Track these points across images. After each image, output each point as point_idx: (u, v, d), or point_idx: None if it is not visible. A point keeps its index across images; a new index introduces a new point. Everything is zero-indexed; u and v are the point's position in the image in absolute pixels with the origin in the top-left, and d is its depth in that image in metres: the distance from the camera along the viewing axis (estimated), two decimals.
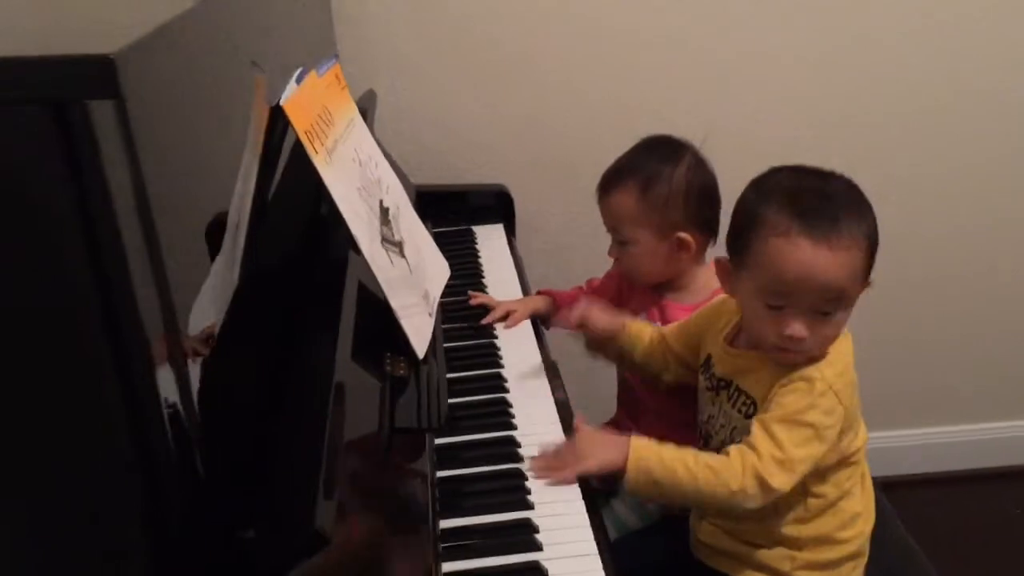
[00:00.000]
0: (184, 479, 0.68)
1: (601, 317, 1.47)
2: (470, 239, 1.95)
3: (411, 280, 1.34)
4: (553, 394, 1.43)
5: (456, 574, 1.08)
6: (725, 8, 2.06)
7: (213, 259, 0.81)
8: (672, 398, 1.50)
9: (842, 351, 1.24)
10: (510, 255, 1.88)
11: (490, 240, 1.95)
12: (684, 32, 2.08)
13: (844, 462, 1.27)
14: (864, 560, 1.35)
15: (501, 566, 1.10)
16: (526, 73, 2.08)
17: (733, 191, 1.29)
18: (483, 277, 1.79)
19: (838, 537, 1.29)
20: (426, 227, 1.80)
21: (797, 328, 1.17)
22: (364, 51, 2.03)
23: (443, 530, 1.15)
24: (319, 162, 1.17)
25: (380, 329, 1.25)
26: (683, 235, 1.48)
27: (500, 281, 1.78)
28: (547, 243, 2.16)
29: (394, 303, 1.24)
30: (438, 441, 1.29)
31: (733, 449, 1.20)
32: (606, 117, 2.08)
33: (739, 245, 1.22)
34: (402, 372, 1.23)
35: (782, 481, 1.18)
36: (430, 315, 1.36)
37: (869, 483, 1.35)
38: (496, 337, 1.58)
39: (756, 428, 1.20)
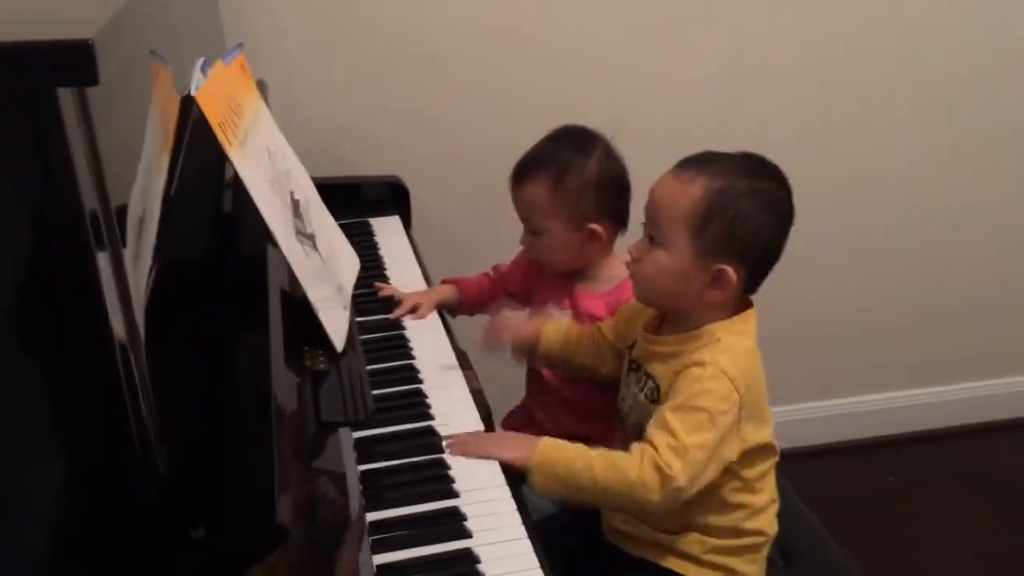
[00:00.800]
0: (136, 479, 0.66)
1: (525, 327, 1.50)
2: (368, 231, 1.93)
3: (325, 273, 1.33)
4: (468, 384, 1.44)
5: (388, 566, 1.08)
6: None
7: None
8: (583, 387, 1.53)
9: (739, 343, 1.26)
10: (409, 246, 1.88)
11: (388, 232, 1.94)
12: (582, 25, 2.11)
13: (753, 458, 1.29)
14: (772, 538, 1.40)
15: (433, 555, 1.10)
16: (418, 65, 2.08)
17: (647, 182, 1.33)
18: (385, 269, 1.79)
19: (747, 527, 1.34)
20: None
21: (634, 245, 1.32)
22: (253, 42, 1.98)
23: (371, 523, 1.15)
24: (234, 155, 1.15)
25: (296, 324, 1.24)
26: (594, 226, 1.51)
27: (402, 272, 1.78)
28: (445, 234, 2.16)
29: (311, 296, 1.23)
30: (357, 434, 1.29)
31: (634, 445, 1.23)
32: (503, 109, 2.10)
33: None
34: (322, 366, 1.22)
35: (679, 469, 1.19)
36: (344, 308, 1.35)
37: (772, 474, 1.39)
38: (405, 328, 1.58)
39: (653, 421, 1.24)
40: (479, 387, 1.45)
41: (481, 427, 1.33)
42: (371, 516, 1.15)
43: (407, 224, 2.00)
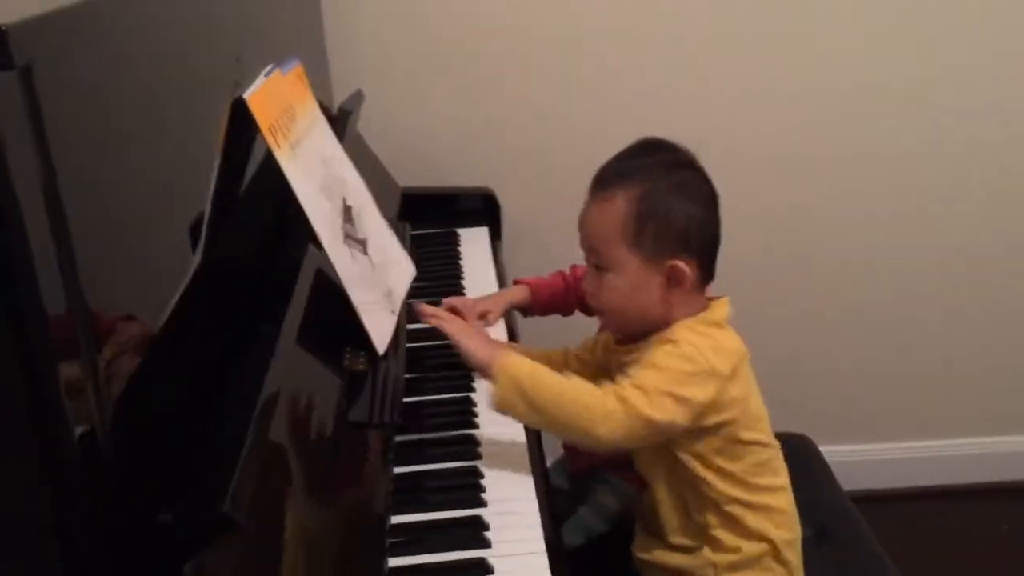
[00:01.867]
0: (90, 462, 0.69)
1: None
2: (453, 241, 1.96)
3: (373, 277, 1.35)
4: None
5: (402, 569, 1.09)
6: (714, 13, 2.07)
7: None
8: None
9: (705, 330, 1.25)
10: (491, 258, 1.89)
11: (473, 243, 1.96)
12: (676, 37, 2.09)
13: (741, 448, 1.26)
14: (795, 552, 1.34)
15: (447, 562, 1.10)
16: (516, 80, 2.10)
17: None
18: (462, 279, 1.80)
19: (753, 530, 1.28)
20: (410, 228, 1.82)
21: (586, 280, 1.32)
22: (353, 52, 2.05)
23: (394, 525, 1.15)
24: (282, 157, 1.19)
25: (342, 324, 1.26)
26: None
27: (479, 283, 1.79)
28: (535, 248, 2.16)
29: (354, 299, 1.25)
30: (399, 438, 1.30)
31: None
32: (597, 127, 2.09)
33: None
34: (361, 367, 1.24)
35: (641, 403, 1.18)
36: (392, 313, 1.37)
37: (784, 476, 1.35)
38: None
39: (618, 375, 1.24)
40: None
41: (523, 438, 1.32)
42: (396, 519, 1.16)
43: (495, 236, 2.02)
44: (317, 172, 1.29)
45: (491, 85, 2.11)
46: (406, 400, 1.38)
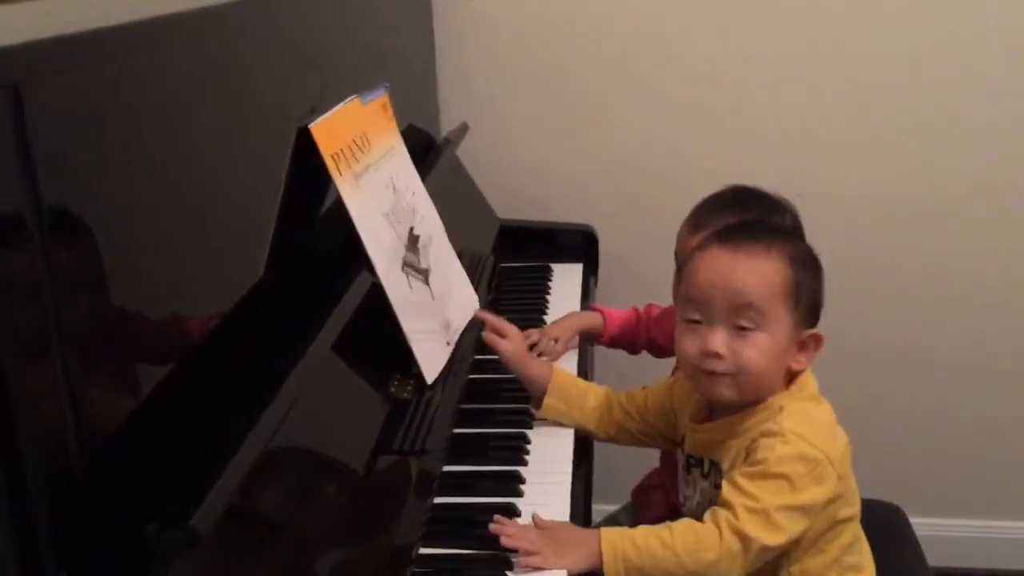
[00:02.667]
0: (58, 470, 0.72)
1: (507, 345, 1.42)
2: (545, 275, 1.96)
3: (431, 307, 1.37)
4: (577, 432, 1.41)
5: None
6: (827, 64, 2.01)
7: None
8: None
9: (807, 409, 1.18)
10: (579, 293, 1.88)
11: (566, 278, 1.96)
12: (775, 80, 2.04)
13: (840, 526, 1.20)
14: None
15: None
16: (621, 117, 2.10)
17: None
18: (545, 313, 1.80)
19: None
20: (495, 260, 1.84)
21: (714, 341, 1.14)
22: (464, 87, 2.10)
23: (422, 555, 1.16)
24: (341, 183, 1.23)
25: (395, 351, 1.29)
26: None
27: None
28: (632, 287, 2.14)
29: (406, 326, 1.27)
30: (446, 468, 1.31)
31: (706, 514, 1.15)
32: (696, 164, 2.06)
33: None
34: (406, 395, 1.26)
35: (761, 533, 1.10)
36: (448, 344, 1.38)
37: (870, 558, 1.28)
38: None
39: (724, 486, 1.15)
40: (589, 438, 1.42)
41: (567, 478, 1.30)
42: (425, 550, 1.17)
43: (591, 272, 2.01)
44: (383, 200, 1.32)
45: (597, 124, 2.12)
46: (460, 431, 1.39)
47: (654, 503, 1.61)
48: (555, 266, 2.00)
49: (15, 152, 0.65)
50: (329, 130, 1.23)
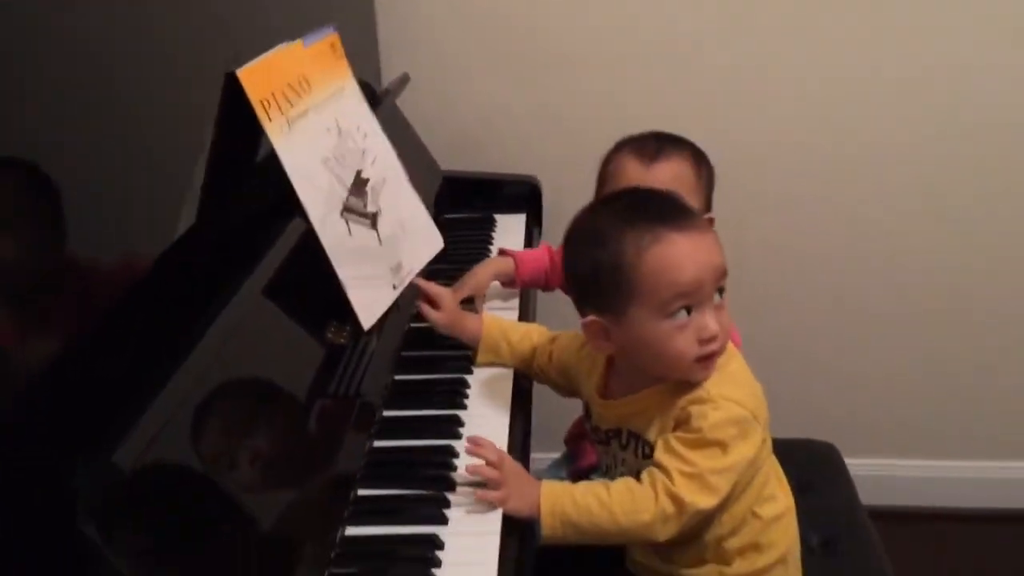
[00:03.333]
0: None
1: (439, 315, 1.44)
2: (488, 226, 1.96)
3: (377, 251, 1.37)
4: (516, 377, 1.43)
5: (358, 538, 1.10)
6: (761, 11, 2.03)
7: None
8: None
9: (725, 366, 1.20)
10: (522, 243, 1.89)
11: (509, 229, 1.96)
12: (729, 32, 2.05)
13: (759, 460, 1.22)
14: (796, 558, 1.30)
15: (402, 535, 1.11)
16: (564, 68, 2.10)
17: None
18: None
19: (764, 542, 1.25)
20: (447, 211, 1.84)
21: (710, 323, 1.14)
22: (405, 37, 2.08)
23: (360, 497, 1.17)
24: (271, 129, 1.22)
25: (334, 297, 1.29)
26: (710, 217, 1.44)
27: None
28: None
29: (341, 273, 1.28)
30: (387, 412, 1.32)
31: (643, 473, 1.16)
32: (641, 117, 2.06)
33: (610, 290, 1.16)
34: (342, 340, 1.26)
35: (696, 497, 1.13)
36: (394, 287, 1.38)
37: (785, 482, 1.31)
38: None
39: (659, 448, 1.17)
40: (528, 385, 1.44)
41: (506, 423, 1.32)
42: (362, 491, 1.18)
43: (535, 223, 2.02)
44: (323, 144, 1.31)
45: (542, 74, 2.10)
46: (401, 378, 1.40)
47: (587, 451, 1.62)
48: (499, 217, 2.01)
49: None
50: (259, 74, 1.22)
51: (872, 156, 2.11)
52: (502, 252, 1.68)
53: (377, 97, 1.90)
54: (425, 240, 1.54)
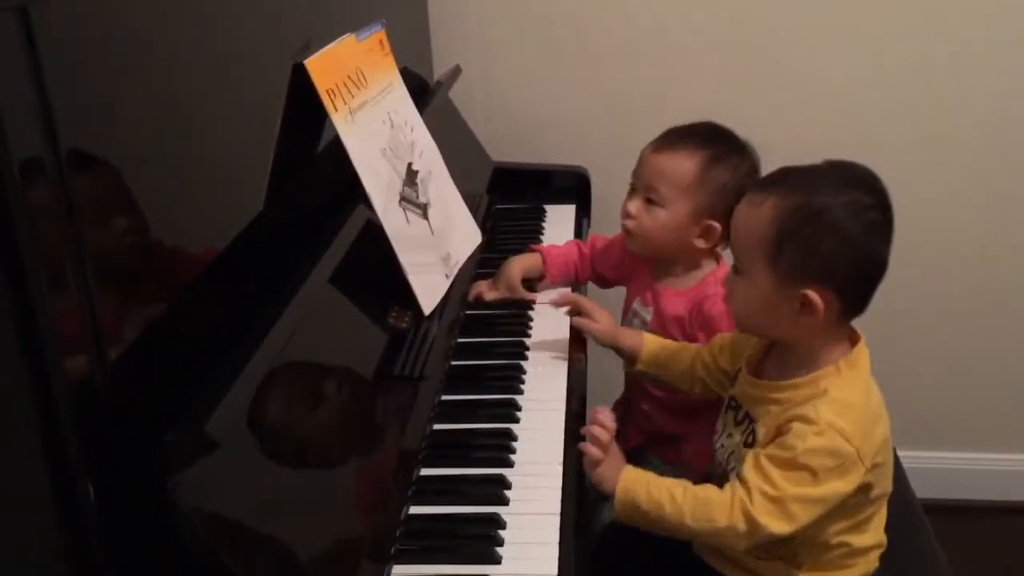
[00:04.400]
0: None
1: (602, 335, 1.46)
2: (539, 216, 1.99)
3: (430, 241, 1.40)
4: (570, 365, 1.45)
5: (419, 517, 1.13)
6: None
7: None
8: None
9: (844, 393, 1.15)
10: (572, 234, 1.90)
11: (559, 219, 1.98)
12: (777, 24, 2.05)
13: (862, 502, 1.21)
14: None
15: (462, 514, 1.14)
16: (615, 60, 2.11)
17: None
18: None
19: (842, 563, 1.24)
20: (489, 200, 1.87)
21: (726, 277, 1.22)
22: (456, 29, 2.11)
23: (423, 476, 1.20)
24: (337, 119, 1.25)
25: (395, 284, 1.32)
26: (712, 223, 1.46)
27: None
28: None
29: (402, 259, 1.31)
30: (444, 397, 1.35)
31: (727, 485, 1.16)
32: (688, 105, 2.07)
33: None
34: (404, 325, 1.29)
35: (772, 521, 1.11)
36: (447, 276, 1.41)
37: (883, 511, 1.28)
38: (532, 309, 1.61)
39: (748, 461, 1.15)
40: (582, 368, 1.46)
41: (561, 408, 1.34)
42: (424, 471, 1.21)
43: (584, 214, 2.04)
44: (380, 136, 1.35)
45: (592, 66, 2.12)
46: (459, 363, 1.43)
47: (630, 436, 1.64)
48: (549, 207, 2.03)
49: (28, 78, 0.68)
50: (324, 65, 1.25)
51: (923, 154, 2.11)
52: (531, 249, 1.69)
53: (430, 89, 1.94)
54: (466, 233, 1.57)
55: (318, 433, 1.02)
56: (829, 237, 1.11)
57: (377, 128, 1.34)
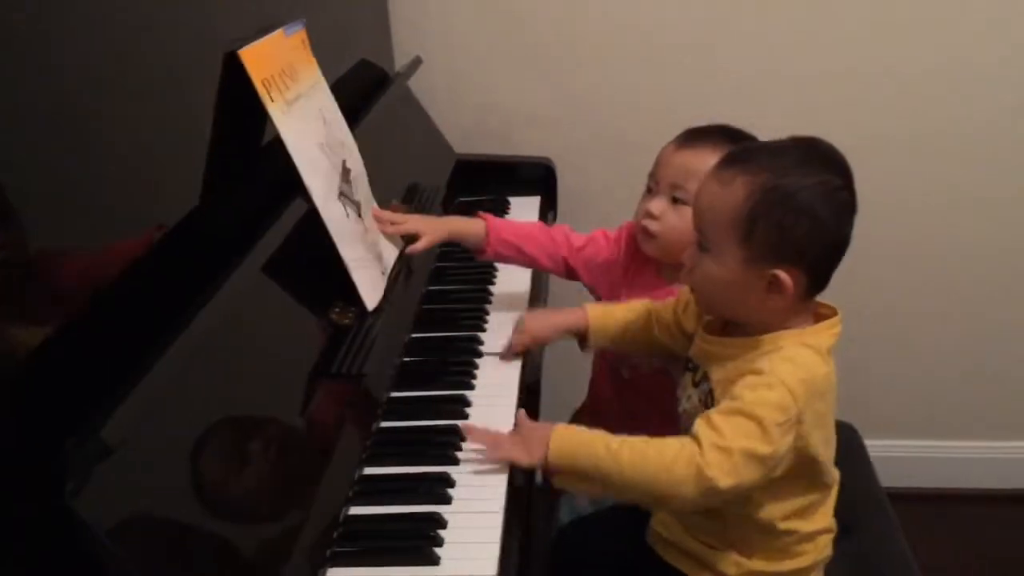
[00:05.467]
0: None
1: (540, 329, 1.43)
2: (503, 208, 1.95)
3: (366, 237, 1.36)
4: (525, 358, 1.42)
5: (359, 518, 1.10)
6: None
7: None
8: (643, 394, 1.47)
9: (803, 354, 1.14)
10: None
11: (522, 211, 1.95)
12: (738, 27, 2.04)
13: (808, 486, 1.20)
14: (820, 572, 1.28)
15: (403, 513, 1.11)
16: (578, 52, 2.09)
17: None
18: None
19: (794, 550, 1.22)
20: (461, 194, 1.84)
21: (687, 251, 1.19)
22: (420, 21, 2.07)
23: (365, 476, 1.17)
24: (273, 110, 1.22)
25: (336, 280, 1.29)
26: None
27: None
28: (590, 219, 2.14)
29: (344, 253, 1.27)
30: (394, 394, 1.32)
31: (674, 439, 1.13)
32: (660, 100, 2.06)
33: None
34: (347, 321, 1.26)
35: (719, 468, 1.08)
36: (383, 274, 1.38)
37: (832, 499, 1.26)
38: (490, 302, 1.58)
39: (698, 422, 1.13)
40: (539, 363, 1.44)
41: (513, 403, 1.31)
42: (367, 470, 1.18)
43: (549, 206, 2.01)
44: (318, 130, 1.31)
45: (556, 58, 2.10)
46: (411, 359, 1.40)
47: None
48: (513, 199, 2.00)
49: None
50: (259, 56, 1.22)
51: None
52: (478, 215, 1.56)
53: (390, 80, 1.90)
54: (388, 242, 1.50)
55: (241, 435, 0.99)
56: (802, 220, 1.11)
57: (313, 122, 1.31)
